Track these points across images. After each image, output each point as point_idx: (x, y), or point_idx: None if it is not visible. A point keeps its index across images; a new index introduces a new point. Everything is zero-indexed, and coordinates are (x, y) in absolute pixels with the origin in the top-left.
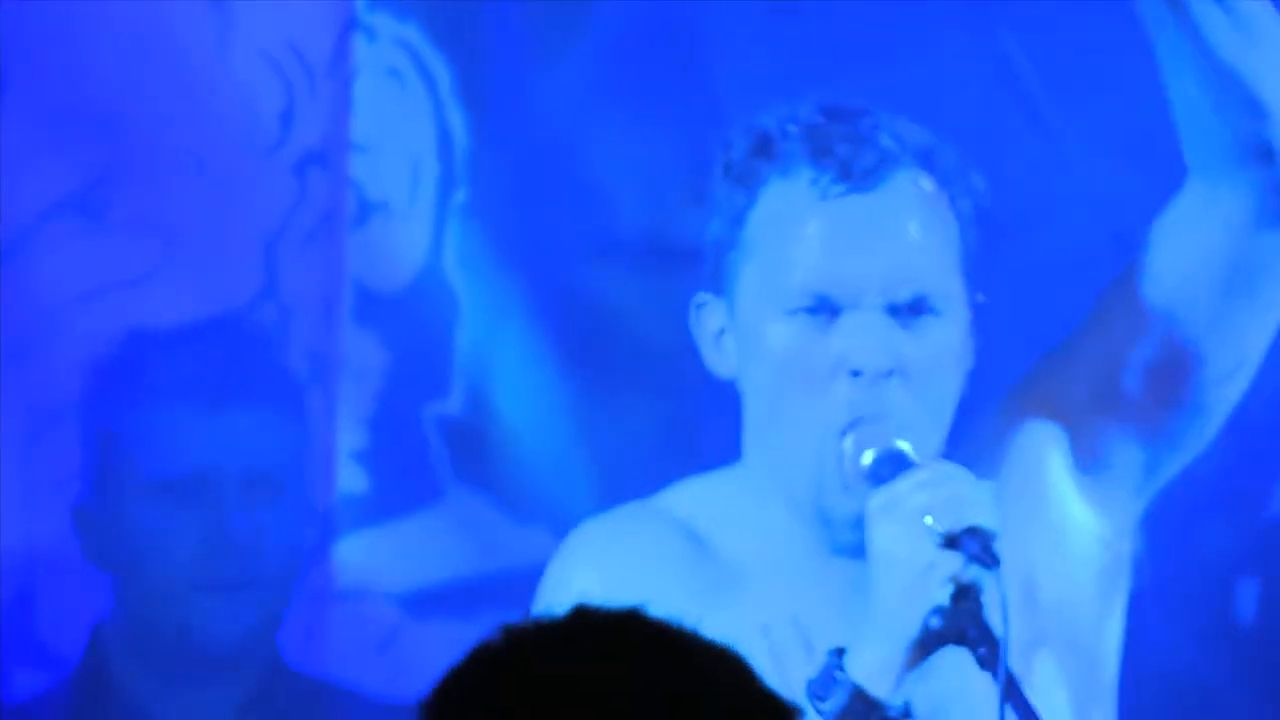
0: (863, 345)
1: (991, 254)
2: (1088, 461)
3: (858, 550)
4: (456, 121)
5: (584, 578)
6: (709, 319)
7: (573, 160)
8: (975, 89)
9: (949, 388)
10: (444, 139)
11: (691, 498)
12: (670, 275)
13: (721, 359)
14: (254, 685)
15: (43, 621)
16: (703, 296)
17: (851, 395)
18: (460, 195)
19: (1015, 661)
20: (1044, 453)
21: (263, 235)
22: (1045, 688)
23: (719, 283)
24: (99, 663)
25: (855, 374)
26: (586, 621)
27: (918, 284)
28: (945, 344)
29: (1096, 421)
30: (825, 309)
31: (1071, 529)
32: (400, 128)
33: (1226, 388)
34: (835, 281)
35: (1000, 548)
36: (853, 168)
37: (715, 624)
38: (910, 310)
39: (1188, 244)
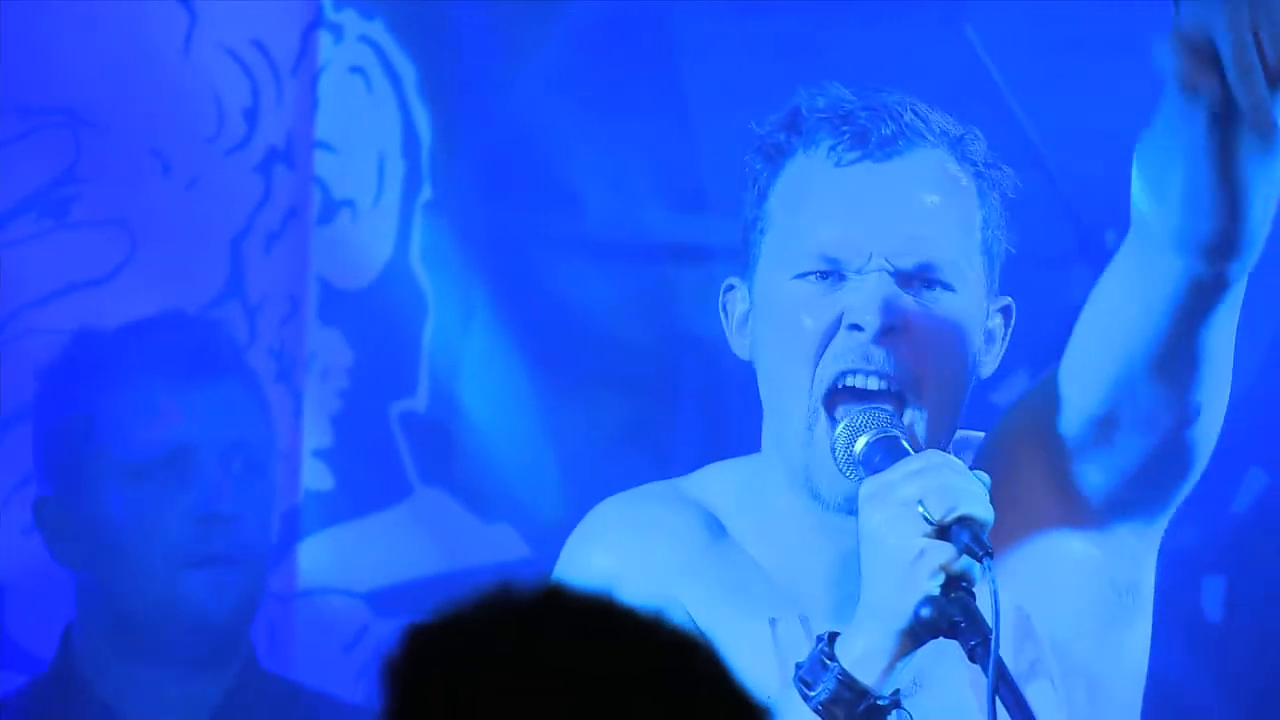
0: (863, 302)
1: None
2: (1081, 496)
3: (839, 509)
4: (422, 119)
5: (601, 557)
6: (736, 303)
7: (540, 157)
8: (943, 84)
9: (957, 365)
10: (410, 136)
11: (714, 483)
12: (637, 272)
13: (744, 342)
14: (229, 685)
15: (13, 621)
16: (732, 280)
17: (847, 345)
18: (426, 193)
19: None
20: (1035, 485)
21: (228, 233)
22: (1044, 718)
23: (745, 265)
24: (70, 662)
25: (855, 329)
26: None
27: (925, 253)
28: (956, 318)
29: (1080, 461)
30: (833, 273)
31: (1066, 561)
32: (366, 125)
33: (1198, 426)
34: (841, 244)
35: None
36: (869, 136)
37: (724, 611)
38: (920, 281)
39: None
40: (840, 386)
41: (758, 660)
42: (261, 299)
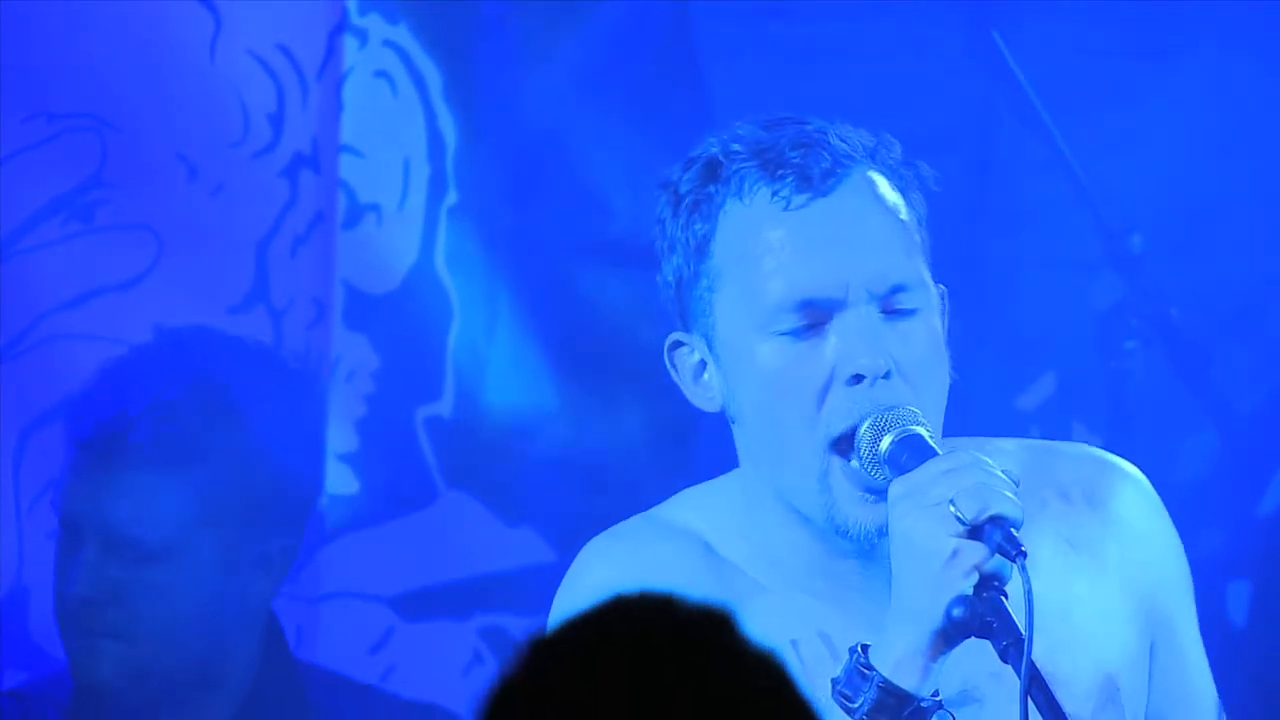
0: (859, 348)
1: (992, 254)
2: None
3: (863, 554)
4: (447, 123)
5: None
6: (685, 357)
7: (564, 161)
8: (969, 90)
9: (939, 386)
10: (434, 140)
11: (697, 509)
12: None
13: (704, 394)
14: (254, 690)
15: (36, 624)
16: (677, 336)
17: (853, 401)
18: (451, 197)
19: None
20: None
21: (254, 237)
22: None
23: (689, 319)
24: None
25: (855, 380)
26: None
27: (895, 275)
28: (929, 341)
29: None
30: (811, 320)
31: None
32: (391, 130)
33: None
34: (817, 286)
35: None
36: (810, 173)
37: None
38: (894, 308)
39: None
40: (850, 432)
41: None
42: (287, 303)
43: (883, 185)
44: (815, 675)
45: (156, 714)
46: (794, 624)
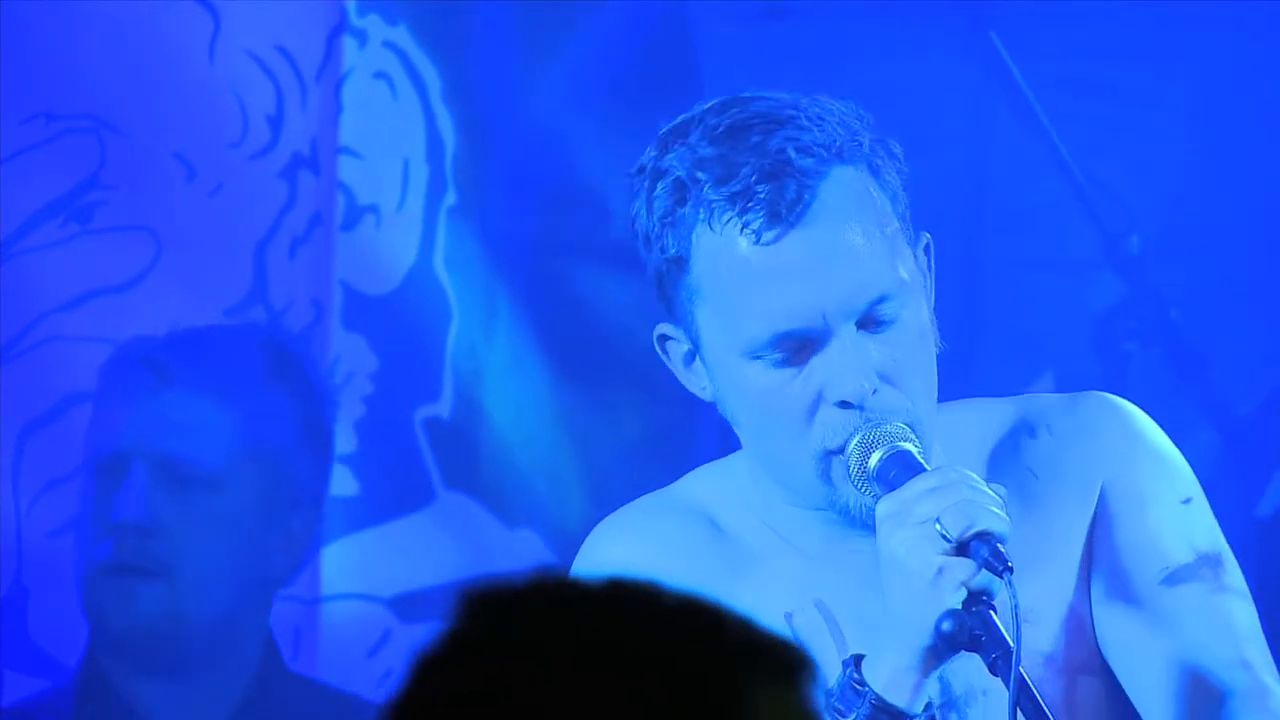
0: (844, 375)
1: (991, 254)
2: None
3: (867, 525)
4: (446, 124)
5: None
6: (675, 347)
7: (564, 162)
8: (968, 89)
9: (928, 380)
10: (434, 142)
11: (707, 485)
12: None
13: (697, 382)
14: (251, 686)
15: (36, 625)
16: (664, 328)
17: (842, 421)
18: (450, 198)
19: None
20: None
21: (252, 238)
22: None
23: (674, 313)
24: (97, 668)
25: (843, 405)
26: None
27: (875, 288)
28: (914, 340)
29: None
30: (792, 349)
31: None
32: (390, 131)
33: None
34: (793, 319)
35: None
36: (778, 207)
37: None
38: (876, 319)
39: None
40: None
41: None
42: (286, 304)
43: (854, 184)
44: (811, 645)
45: (176, 672)
46: (789, 594)
